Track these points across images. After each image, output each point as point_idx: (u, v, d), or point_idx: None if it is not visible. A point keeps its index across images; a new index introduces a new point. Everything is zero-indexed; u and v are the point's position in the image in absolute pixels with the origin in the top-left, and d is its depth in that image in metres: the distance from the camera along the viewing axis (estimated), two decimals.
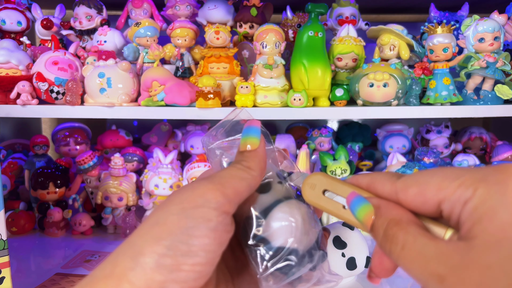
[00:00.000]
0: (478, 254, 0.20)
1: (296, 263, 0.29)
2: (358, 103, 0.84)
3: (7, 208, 0.94)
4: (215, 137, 0.33)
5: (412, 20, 1.32)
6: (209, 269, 0.26)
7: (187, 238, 0.25)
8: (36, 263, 0.79)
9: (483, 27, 0.80)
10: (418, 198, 0.25)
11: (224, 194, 0.27)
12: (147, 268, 0.24)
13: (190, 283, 0.25)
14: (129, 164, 1.03)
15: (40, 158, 1.02)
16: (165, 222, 0.26)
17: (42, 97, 0.81)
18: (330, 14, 0.99)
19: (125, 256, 0.25)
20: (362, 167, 1.10)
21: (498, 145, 1.06)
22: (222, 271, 0.31)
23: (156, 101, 0.80)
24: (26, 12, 0.95)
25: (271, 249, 0.29)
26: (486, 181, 0.22)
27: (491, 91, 0.83)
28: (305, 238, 0.30)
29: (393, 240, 0.24)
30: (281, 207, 0.30)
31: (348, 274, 0.64)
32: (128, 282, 0.24)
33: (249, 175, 0.29)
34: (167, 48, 0.88)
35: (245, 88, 0.80)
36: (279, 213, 0.30)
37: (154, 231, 0.26)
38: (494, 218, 0.21)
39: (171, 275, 0.25)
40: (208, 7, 0.91)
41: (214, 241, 0.26)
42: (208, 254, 0.26)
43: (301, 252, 0.29)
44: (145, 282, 0.24)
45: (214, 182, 0.28)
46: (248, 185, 0.29)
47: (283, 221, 0.29)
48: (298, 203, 0.31)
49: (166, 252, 0.25)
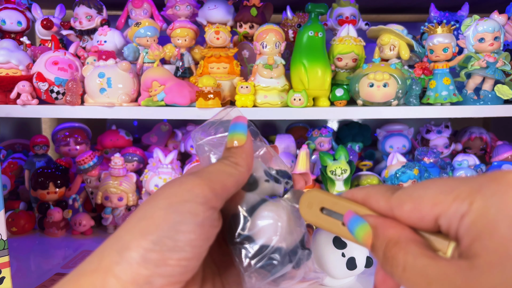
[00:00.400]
0: (481, 275, 0.20)
1: (279, 262, 0.29)
2: (358, 103, 0.84)
3: (7, 208, 0.94)
4: (205, 133, 0.34)
5: (412, 20, 1.32)
6: (195, 263, 0.27)
7: (174, 233, 0.25)
8: (36, 263, 0.79)
9: (483, 27, 0.80)
10: (414, 214, 0.24)
11: (212, 189, 0.27)
12: (133, 262, 0.25)
13: (176, 277, 0.26)
14: (129, 164, 1.03)
15: (40, 158, 1.02)
16: (152, 216, 0.26)
17: (42, 97, 0.81)
18: (330, 14, 0.99)
19: (112, 250, 0.26)
20: (362, 167, 1.10)
21: (498, 145, 1.06)
22: (209, 265, 0.31)
23: (156, 101, 0.80)
24: (26, 12, 0.95)
25: (255, 247, 0.29)
26: (482, 193, 0.21)
27: (491, 91, 0.83)
28: (290, 237, 0.30)
29: (393, 262, 0.23)
30: (266, 206, 0.30)
31: (348, 274, 0.64)
32: (114, 276, 0.25)
33: (236, 170, 0.29)
34: (167, 48, 0.88)
35: (245, 88, 0.80)
36: (264, 211, 0.30)
37: (141, 226, 0.26)
38: (494, 234, 0.20)
39: (157, 269, 0.25)
40: (208, 7, 0.91)
41: (200, 236, 0.26)
42: (194, 249, 0.26)
43: (284, 250, 0.30)
44: (131, 276, 0.24)
45: (202, 177, 0.28)
46: (236, 181, 0.29)
47: (268, 219, 0.30)
48: (284, 202, 0.31)
49: (152, 247, 0.25)
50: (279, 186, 0.33)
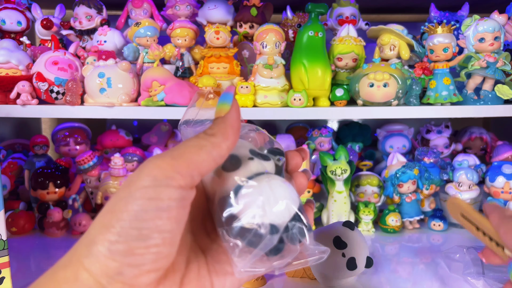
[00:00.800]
0: None
1: (264, 236, 0.28)
2: (358, 103, 0.84)
3: (7, 208, 0.94)
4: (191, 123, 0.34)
5: (412, 20, 1.32)
6: (168, 249, 0.26)
7: (136, 222, 0.25)
8: (36, 263, 0.79)
9: (483, 27, 0.80)
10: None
11: (175, 168, 0.26)
12: (100, 255, 0.25)
13: (148, 266, 0.25)
14: (129, 164, 1.03)
15: (40, 158, 1.01)
16: (114, 209, 0.26)
17: (42, 97, 0.81)
18: (330, 14, 0.99)
19: (81, 244, 0.26)
20: (362, 167, 1.10)
21: (499, 145, 1.05)
22: (194, 251, 0.30)
23: (156, 101, 0.80)
24: (26, 12, 0.95)
25: (238, 225, 0.28)
26: None
27: (491, 91, 0.83)
28: (278, 213, 0.29)
29: None
30: (248, 183, 0.29)
31: (349, 274, 0.64)
32: (85, 270, 0.25)
33: (208, 142, 0.28)
34: (167, 48, 0.88)
35: (245, 88, 0.80)
36: (245, 189, 0.29)
37: (105, 219, 0.26)
38: None
39: (125, 259, 0.25)
40: (208, 7, 0.91)
41: (168, 220, 0.25)
42: (163, 234, 0.25)
43: (271, 225, 0.29)
44: (101, 269, 0.25)
45: (164, 157, 0.26)
46: (208, 153, 0.27)
47: (249, 196, 0.29)
48: (269, 177, 0.30)
49: (117, 238, 0.25)
50: (268, 163, 0.32)
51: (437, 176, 0.95)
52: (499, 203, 0.88)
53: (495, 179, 0.88)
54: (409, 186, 0.91)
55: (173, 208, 0.26)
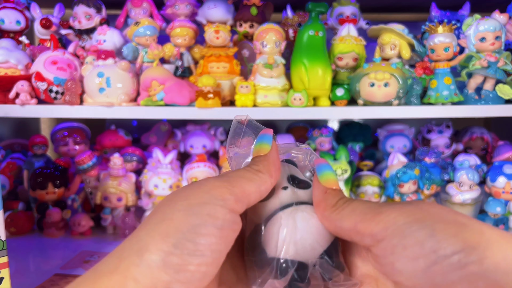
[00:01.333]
0: None
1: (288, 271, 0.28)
2: (358, 102, 0.84)
3: (6, 208, 0.94)
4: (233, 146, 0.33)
5: (413, 19, 1.32)
6: (213, 270, 0.26)
7: (194, 236, 0.25)
8: (35, 263, 0.79)
9: (484, 27, 0.79)
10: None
11: (231, 192, 0.27)
12: (153, 266, 0.24)
13: (195, 284, 0.25)
14: (128, 164, 1.02)
15: (39, 158, 1.01)
16: (172, 218, 0.25)
17: (41, 96, 0.81)
18: (331, 13, 0.99)
19: (131, 251, 0.25)
20: (363, 167, 1.10)
21: (500, 145, 1.05)
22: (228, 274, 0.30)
23: (155, 100, 0.80)
24: (25, 12, 0.95)
25: (264, 260, 0.28)
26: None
27: (492, 90, 0.82)
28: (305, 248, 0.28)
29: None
30: (276, 217, 0.29)
31: None
32: (133, 279, 0.23)
33: (257, 176, 0.29)
34: (167, 48, 0.88)
35: (245, 87, 0.80)
36: (272, 222, 0.29)
37: (161, 228, 0.25)
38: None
39: (176, 275, 0.24)
40: (208, 6, 0.90)
41: (220, 240, 0.25)
42: (214, 254, 0.25)
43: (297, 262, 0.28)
44: (151, 281, 0.24)
45: (222, 180, 0.27)
46: (257, 187, 0.29)
47: (274, 230, 0.29)
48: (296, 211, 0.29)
49: (173, 250, 0.24)
50: (305, 191, 0.31)
51: (438, 176, 0.95)
52: (500, 203, 0.88)
53: (496, 179, 0.88)
54: (410, 186, 0.91)
55: (225, 229, 0.26)
